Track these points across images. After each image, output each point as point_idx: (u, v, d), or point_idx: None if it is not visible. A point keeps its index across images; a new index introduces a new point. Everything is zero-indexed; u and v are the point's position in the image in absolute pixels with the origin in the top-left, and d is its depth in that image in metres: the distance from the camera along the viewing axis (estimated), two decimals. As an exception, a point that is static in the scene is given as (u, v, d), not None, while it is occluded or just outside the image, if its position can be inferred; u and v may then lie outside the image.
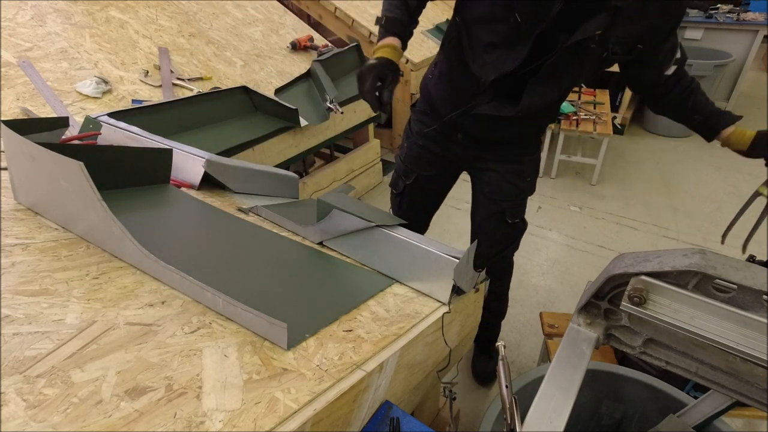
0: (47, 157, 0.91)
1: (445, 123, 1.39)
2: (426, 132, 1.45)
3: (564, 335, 0.83)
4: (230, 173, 1.32)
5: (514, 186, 1.45)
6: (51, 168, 0.93)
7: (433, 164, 1.49)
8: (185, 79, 1.99)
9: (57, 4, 2.01)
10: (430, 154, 1.48)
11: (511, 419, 0.75)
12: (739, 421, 1.37)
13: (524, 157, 1.43)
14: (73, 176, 0.88)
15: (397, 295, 1.01)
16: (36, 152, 0.93)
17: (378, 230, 1.06)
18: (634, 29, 1.06)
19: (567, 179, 3.48)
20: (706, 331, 0.63)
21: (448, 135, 1.42)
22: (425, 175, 1.52)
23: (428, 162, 1.49)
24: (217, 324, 0.79)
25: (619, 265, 0.70)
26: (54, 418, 0.57)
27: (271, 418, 0.62)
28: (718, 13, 4.09)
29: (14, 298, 0.76)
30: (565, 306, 2.31)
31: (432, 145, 1.46)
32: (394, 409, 0.83)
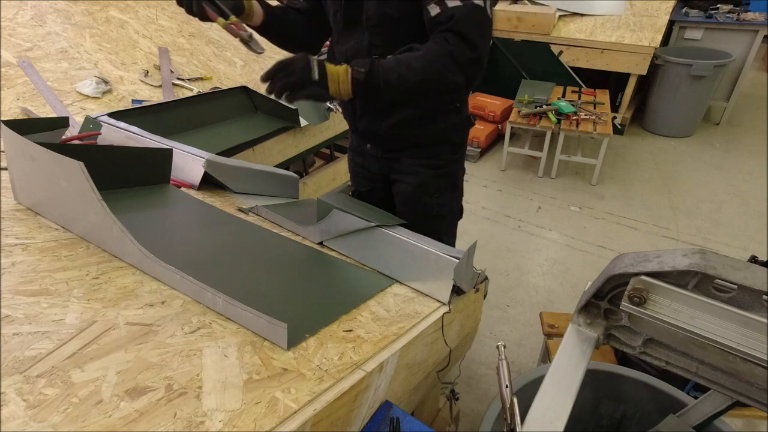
0: (47, 157, 0.91)
1: (354, 134, 1.38)
2: (352, 146, 1.46)
3: (564, 335, 0.83)
4: (230, 173, 1.32)
5: (420, 202, 1.32)
6: (51, 168, 0.93)
7: (366, 179, 1.46)
8: (185, 79, 1.99)
9: (57, 4, 2.01)
10: (360, 168, 1.46)
11: (511, 419, 0.75)
12: (739, 421, 1.37)
13: (428, 170, 1.30)
14: (73, 176, 0.88)
15: (397, 295, 1.01)
16: (36, 152, 0.93)
17: (378, 230, 1.06)
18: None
19: (567, 179, 3.48)
20: (706, 331, 0.63)
21: (362, 147, 1.40)
22: (363, 191, 1.48)
23: (362, 177, 1.47)
24: (217, 324, 0.79)
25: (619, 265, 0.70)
26: (54, 418, 0.57)
27: (271, 418, 0.62)
28: (718, 13, 4.08)
29: (14, 298, 0.76)
30: (565, 306, 2.31)
31: (359, 159, 1.45)
32: (394, 409, 0.83)
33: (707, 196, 3.24)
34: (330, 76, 0.96)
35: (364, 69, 0.95)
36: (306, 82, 0.94)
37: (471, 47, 0.95)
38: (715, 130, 4.23)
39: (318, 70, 0.95)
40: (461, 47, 0.95)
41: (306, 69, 0.94)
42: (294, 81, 0.94)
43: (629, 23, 3.88)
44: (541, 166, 3.49)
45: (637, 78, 3.78)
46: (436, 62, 0.95)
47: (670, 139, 4.07)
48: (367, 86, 0.97)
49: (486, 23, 0.99)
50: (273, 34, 1.25)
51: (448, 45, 0.95)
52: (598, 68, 3.85)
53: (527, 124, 3.31)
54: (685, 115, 4.00)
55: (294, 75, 0.93)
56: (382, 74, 0.96)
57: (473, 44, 0.95)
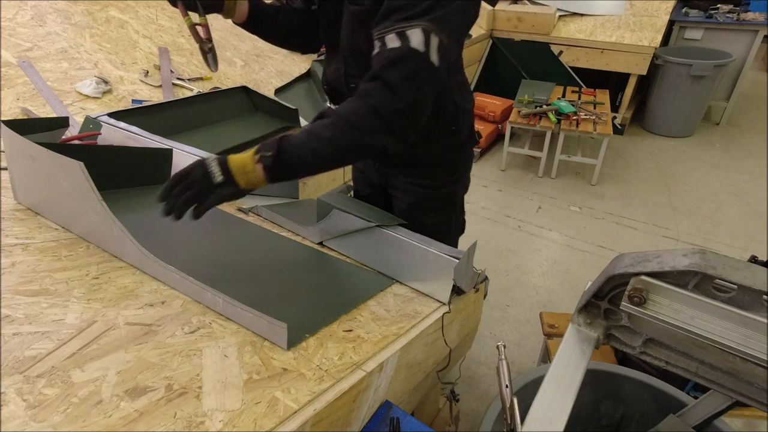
0: (47, 157, 0.91)
1: None
2: None
3: (564, 335, 0.83)
4: (230, 173, 1.32)
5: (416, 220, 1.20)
6: (51, 168, 0.93)
7: (366, 184, 1.43)
8: (185, 79, 1.99)
9: (57, 4, 2.01)
10: (360, 173, 1.43)
11: (511, 419, 0.75)
12: (739, 421, 1.37)
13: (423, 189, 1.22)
14: (73, 176, 0.88)
15: (397, 295, 1.01)
16: (36, 152, 0.93)
17: (378, 230, 1.06)
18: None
19: (567, 179, 3.48)
20: (706, 331, 0.63)
21: None
22: (363, 195, 1.44)
23: (362, 182, 1.44)
24: (217, 324, 0.79)
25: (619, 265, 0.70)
26: (54, 418, 0.57)
27: (271, 418, 0.62)
28: (718, 13, 4.08)
29: (14, 298, 0.76)
30: (565, 306, 2.31)
31: (360, 164, 1.41)
32: (394, 409, 0.83)
33: (707, 196, 3.24)
34: (236, 171, 0.82)
35: (271, 153, 0.82)
36: (210, 188, 0.81)
37: (397, 98, 0.80)
38: (715, 130, 4.23)
39: (221, 170, 0.82)
40: (385, 99, 0.80)
41: (205, 176, 0.81)
42: (196, 192, 0.81)
43: (629, 23, 3.88)
44: (541, 166, 3.49)
45: (637, 78, 3.78)
46: (349, 128, 0.82)
47: (670, 139, 4.07)
48: (279, 171, 0.84)
49: (423, 72, 0.81)
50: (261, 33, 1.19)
51: (369, 99, 0.81)
52: (598, 68, 3.85)
53: (527, 124, 3.31)
54: (685, 115, 4.00)
55: (194, 186, 0.81)
56: (294, 154, 0.83)
57: (399, 95, 0.80)
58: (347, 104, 0.84)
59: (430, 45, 0.79)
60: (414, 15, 0.79)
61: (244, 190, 0.84)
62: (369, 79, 0.82)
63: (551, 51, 3.94)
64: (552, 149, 3.40)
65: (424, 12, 0.79)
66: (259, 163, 0.82)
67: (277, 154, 0.82)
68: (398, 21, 0.80)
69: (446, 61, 0.84)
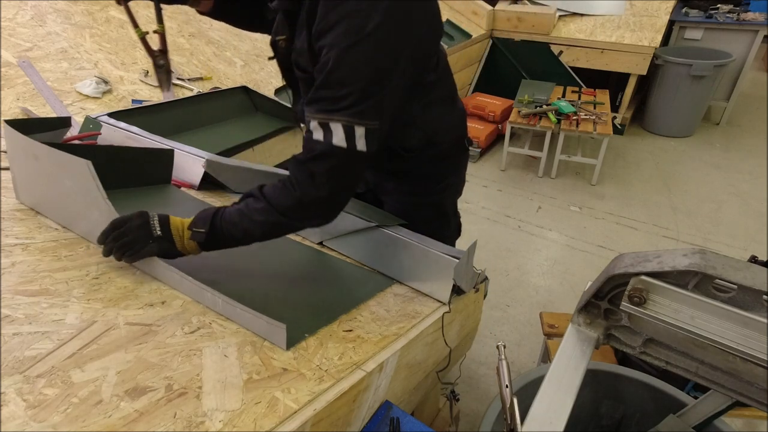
0: (52, 156, 0.91)
1: None
2: None
3: (564, 335, 0.83)
4: (230, 173, 1.32)
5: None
6: (55, 167, 0.93)
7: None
8: (185, 79, 1.99)
9: (57, 4, 2.01)
10: None
11: (511, 419, 0.74)
12: (739, 421, 1.37)
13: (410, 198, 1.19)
14: (79, 175, 0.87)
15: (397, 295, 1.01)
16: (40, 151, 0.93)
17: (378, 230, 1.06)
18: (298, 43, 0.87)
19: (567, 179, 3.48)
20: (706, 331, 0.63)
21: None
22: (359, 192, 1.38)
23: None
24: (217, 324, 0.79)
25: (619, 265, 0.70)
26: (54, 418, 0.57)
27: (271, 418, 0.62)
28: (718, 13, 4.08)
29: (14, 298, 0.76)
30: (565, 306, 2.31)
31: None
32: (394, 409, 0.83)
33: (707, 196, 3.23)
34: (174, 232, 0.86)
35: (204, 229, 0.86)
36: (146, 238, 0.84)
37: (321, 189, 0.83)
38: (715, 130, 4.23)
39: (160, 225, 0.85)
40: (310, 190, 0.83)
41: (144, 225, 0.84)
42: (131, 239, 0.83)
43: (629, 23, 3.88)
44: (541, 166, 3.49)
45: (637, 78, 3.78)
46: (278, 214, 0.85)
47: (670, 139, 4.07)
48: (211, 245, 0.88)
49: (346, 166, 0.82)
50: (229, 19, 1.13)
51: (295, 189, 0.83)
52: (598, 68, 3.85)
53: (527, 124, 3.31)
54: (685, 115, 4.00)
55: (131, 233, 0.83)
56: (226, 231, 0.86)
57: (323, 187, 0.83)
58: (277, 191, 0.86)
59: (355, 137, 0.79)
60: (337, 109, 0.78)
61: (179, 251, 0.88)
62: (297, 163, 0.84)
63: (551, 51, 3.94)
64: (552, 149, 3.40)
65: (347, 107, 0.77)
66: (192, 240, 0.86)
67: (209, 232, 0.86)
68: (322, 111, 0.79)
69: (378, 140, 0.83)
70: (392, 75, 0.79)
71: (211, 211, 0.88)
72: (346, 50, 0.74)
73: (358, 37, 0.73)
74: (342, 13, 0.73)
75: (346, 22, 0.73)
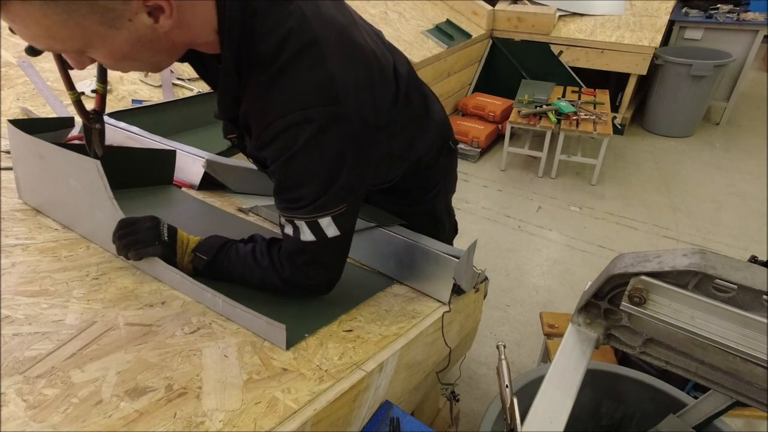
0: (59, 155, 0.91)
1: None
2: None
3: (564, 335, 0.83)
4: (230, 173, 1.32)
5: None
6: (60, 167, 0.92)
7: None
8: (185, 79, 1.99)
9: (57, 5, 2.01)
10: None
11: (511, 419, 0.74)
12: (739, 421, 1.37)
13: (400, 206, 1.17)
14: (86, 174, 0.87)
15: (397, 295, 1.01)
16: (46, 151, 0.92)
17: (378, 230, 1.06)
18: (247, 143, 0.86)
19: (567, 179, 3.48)
20: (706, 331, 0.63)
21: None
22: None
23: None
24: (217, 324, 0.79)
25: (619, 265, 0.70)
26: (54, 418, 0.57)
27: (271, 418, 0.62)
28: (718, 13, 4.08)
29: (14, 298, 0.76)
30: (565, 306, 2.31)
31: None
32: (394, 409, 0.83)
33: (707, 196, 3.24)
34: (179, 245, 0.88)
35: (207, 257, 0.88)
36: (154, 239, 0.85)
37: (309, 278, 0.86)
38: (715, 130, 4.23)
39: (168, 233, 0.87)
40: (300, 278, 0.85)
41: (154, 228, 0.86)
42: (140, 238, 0.85)
43: (629, 23, 3.88)
44: (541, 166, 3.49)
45: (637, 78, 3.78)
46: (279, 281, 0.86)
47: (670, 139, 4.07)
48: (206, 273, 0.89)
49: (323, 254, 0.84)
50: None
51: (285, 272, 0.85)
52: (598, 68, 3.85)
53: (527, 124, 3.31)
54: (685, 115, 4.00)
55: (140, 232, 0.85)
56: (225, 269, 0.89)
57: (311, 276, 0.86)
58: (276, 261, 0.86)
59: (321, 228, 0.80)
60: (296, 208, 0.79)
61: (177, 262, 0.89)
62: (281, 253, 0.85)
63: (551, 51, 3.94)
64: (552, 149, 3.40)
65: (304, 206, 0.78)
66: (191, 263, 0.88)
67: (210, 264, 0.88)
68: (285, 210, 0.81)
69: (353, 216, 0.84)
70: (342, 166, 0.77)
71: (220, 242, 0.90)
72: (285, 163, 0.75)
73: (294, 150, 0.73)
74: (271, 134, 0.73)
75: (279, 139, 0.73)
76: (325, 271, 0.87)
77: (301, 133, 0.72)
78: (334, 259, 0.88)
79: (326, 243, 0.81)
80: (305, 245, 0.81)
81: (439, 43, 3.45)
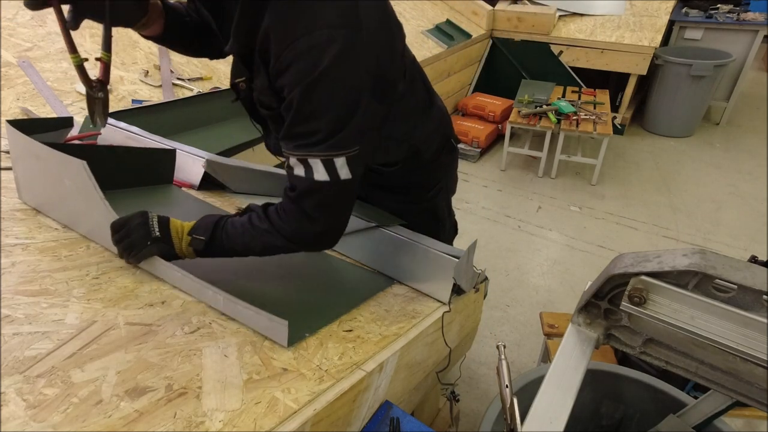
0: (51, 156, 0.91)
1: None
2: None
3: (564, 335, 0.83)
4: (230, 173, 1.32)
5: None
6: (55, 167, 0.93)
7: None
8: (185, 79, 1.99)
9: (57, 4, 2.01)
10: None
11: (511, 419, 0.75)
12: (739, 421, 1.37)
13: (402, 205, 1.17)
14: (77, 175, 0.88)
15: (397, 295, 1.01)
16: (40, 151, 0.93)
17: (378, 230, 1.06)
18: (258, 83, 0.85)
19: (567, 179, 3.48)
20: (706, 331, 0.63)
21: None
22: None
23: None
24: (217, 324, 0.79)
25: (619, 265, 0.70)
26: (54, 418, 0.57)
27: (271, 418, 0.62)
28: (718, 13, 4.08)
29: (14, 298, 0.76)
30: (565, 306, 2.31)
31: None
32: (394, 409, 0.83)
33: (707, 196, 3.23)
34: (174, 234, 0.87)
35: (205, 238, 0.86)
36: (144, 239, 0.84)
37: (316, 224, 0.84)
38: (715, 130, 4.23)
39: (159, 226, 0.85)
40: (305, 225, 0.84)
41: (143, 225, 0.84)
42: (133, 240, 0.84)
43: (629, 23, 3.88)
44: (541, 166, 3.49)
45: (637, 78, 3.78)
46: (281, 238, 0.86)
47: (670, 139, 4.07)
48: (209, 253, 0.88)
49: (334, 196, 0.82)
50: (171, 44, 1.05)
51: (292, 222, 0.84)
52: (598, 68, 3.85)
53: (527, 124, 3.31)
54: (685, 115, 4.00)
55: (132, 233, 0.84)
56: (226, 243, 0.87)
57: (317, 221, 0.84)
58: (280, 217, 0.85)
59: (336, 168, 0.79)
60: (311, 144, 0.77)
61: (177, 254, 0.87)
62: (287, 199, 0.84)
63: (551, 51, 3.94)
64: (552, 149, 3.40)
65: (321, 141, 0.76)
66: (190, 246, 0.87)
67: (209, 241, 0.86)
68: (298, 147, 0.79)
69: (363, 162, 0.84)
70: (360, 99, 0.77)
71: (213, 220, 0.88)
72: (306, 88, 0.73)
73: (315, 75, 0.72)
74: (294, 53, 0.72)
75: (299, 62, 0.72)
76: (333, 217, 0.86)
77: (325, 55, 0.71)
78: (344, 204, 0.86)
79: (339, 184, 0.80)
80: (318, 186, 0.79)
81: (439, 43, 3.45)
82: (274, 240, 0.85)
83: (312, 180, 0.79)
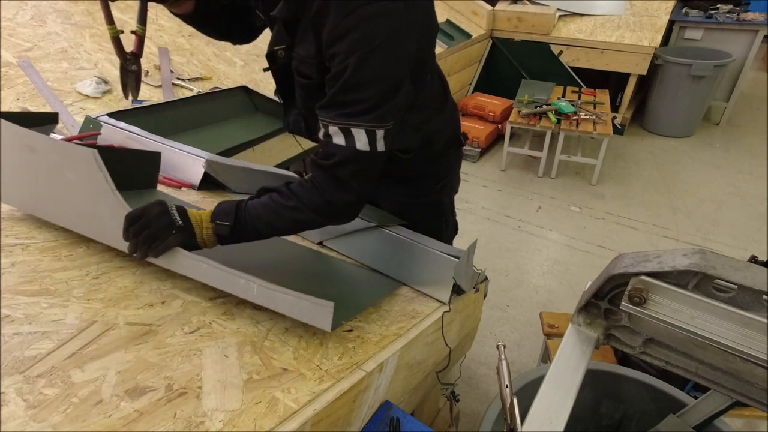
0: (52, 147, 0.87)
1: None
2: None
3: (564, 335, 0.83)
4: (230, 173, 1.32)
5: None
6: (54, 160, 0.88)
7: None
8: (185, 79, 1.99)
9: (57, 4, 2.01)
10: None
11: (511, 419, 0.75)
12: (739, 421, 1.37)
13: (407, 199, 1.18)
14: (84, 166, 0.84)
15: (397, 295, 1.01)
16: (38, 142, 0.88)
17: (378, 230, 1.06)
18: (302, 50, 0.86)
19: (567, 179, 3.48)
20: (706, 331, 0.63)
21: None
22: None
23: None
24: (217, 324, 0.79)
25: (619, 265, 0.70)
26: (54, 418, 0.57)
27: (271, 418, 0.62)
28: (718, 13, 4.08)
29: (14, 298, 0.76)
30: (565, 306, 2.31)
31: None
32: (394, 409, 0.83)
33: (707, 196, 3.23)
34: (195, 222, 0.84)
35: (228, 222, 0.84)
36: (169, 227, 0.80)
37: (348, 193, 0.85)
38: (715, 130, 4.23)
39: (180, 215, 0.82)
40: (338, 194, 0.84)
41: (164, 214, 0.81)
42: (154, 231, 0.79)
43: (629, 23, 3.88)
44: (541, 166, 3.49)
45: (637, 78, 3.78)
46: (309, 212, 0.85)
47: (670, 139, 4.07)
48: (233, 239, 0.86)
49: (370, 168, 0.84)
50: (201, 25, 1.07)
51: (324, 193, 0.84)
52: (598, 68, 3.85)
53: (527, 124, 3.31)
54: (685, 115, 4.00)
55: (152, 224, 0.79)
56: (250, 225, 0.85)
57: (351, 190, 0.85)
58: (306, 191, 0.85)
59: (376, 139, 0.80)
60: (357, 113, 0.78)
61: (197, 243, 0.85)
62: (320, 169, 0.84)
63: (551, 51, 3.94)
64: (552, 149, 3.40)
65: (368, 111, 0.77)
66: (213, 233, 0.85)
67: (234, 225, 0.84)
68: (342, 116, 0.79)
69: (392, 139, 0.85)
70: (404, 77, 0.81)
71: (233, 204, 0.86)
72: (363, 57, 0.74)
73: (374, 44, 0.74)
74: (356, 20, 0.73)
75: (361, 29, 0.73)
76: (365, 187, 0.87)
77: (384, 27, 0.74)
78: (375, 176, 0.87)
79: (376, 157, 0.82)
80: (358, 155, 0.80)
81: (439, 43, 3.45)
82: (300, 215, 0.85)
83: (353, 149, 0.80)
